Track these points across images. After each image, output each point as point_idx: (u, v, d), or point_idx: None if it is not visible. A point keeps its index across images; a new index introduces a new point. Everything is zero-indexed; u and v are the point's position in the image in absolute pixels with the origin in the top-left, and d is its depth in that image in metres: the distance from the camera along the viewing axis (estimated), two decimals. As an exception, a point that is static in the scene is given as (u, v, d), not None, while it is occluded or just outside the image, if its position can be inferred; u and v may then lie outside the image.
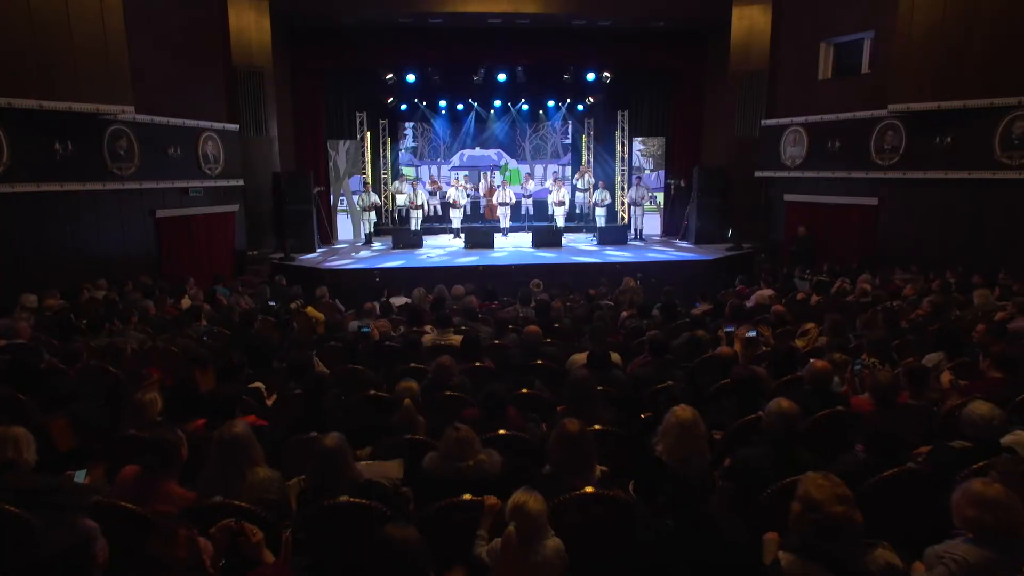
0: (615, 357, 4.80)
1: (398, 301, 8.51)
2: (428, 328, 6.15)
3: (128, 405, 3.44)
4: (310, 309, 7.96)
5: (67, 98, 8.40)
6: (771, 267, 12.76)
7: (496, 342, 5.45)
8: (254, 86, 12.32)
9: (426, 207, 15.18)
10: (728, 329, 5.27)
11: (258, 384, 4.26)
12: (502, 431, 3.15)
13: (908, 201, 10.62)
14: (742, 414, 3.45)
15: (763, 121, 12.92)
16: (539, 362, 4.65)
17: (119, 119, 9.57)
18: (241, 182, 12.30)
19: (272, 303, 6.37)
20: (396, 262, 11.95)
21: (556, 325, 6.25)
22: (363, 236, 14.65)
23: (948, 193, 10.02)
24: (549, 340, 5.44)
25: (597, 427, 3.14)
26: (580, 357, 4.84)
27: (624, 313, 7.23)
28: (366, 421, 3.48)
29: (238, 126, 12.15)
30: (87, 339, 5.59)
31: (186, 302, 8.27)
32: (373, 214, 14.74)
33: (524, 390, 3.95)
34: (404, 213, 16.56)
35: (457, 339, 5.52)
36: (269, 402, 4.28)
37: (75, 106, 8.49)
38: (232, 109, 12.18)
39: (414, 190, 14.80)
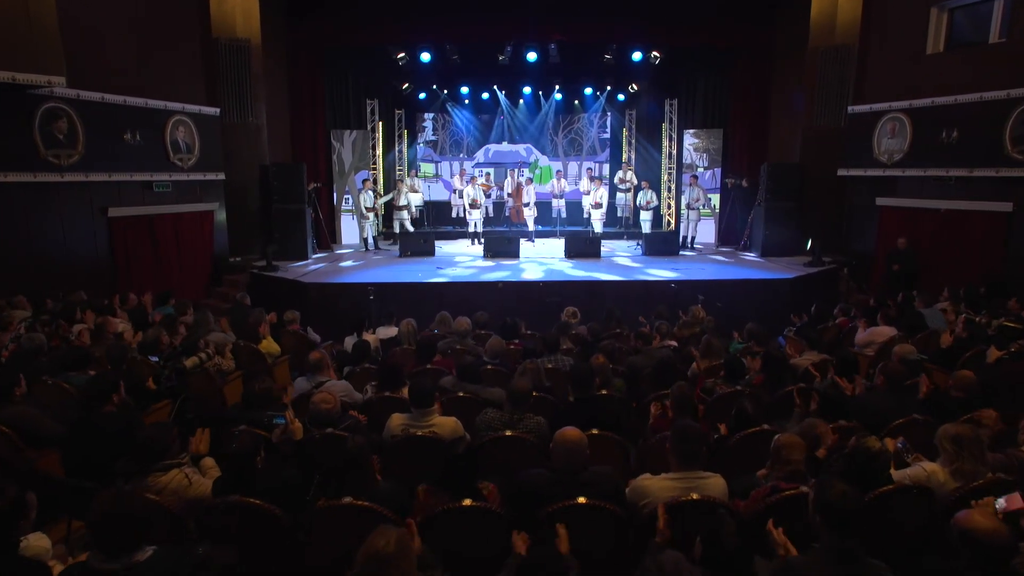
0: (716, 484, 2.64)
1: (387, 332, 6.44)
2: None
3: None
4: (265, 343, 5.94)
5: (-31, 63, 6.55)
6: (858, 285, 10.46)
7: (508, 433, 3.31)
8: (238, 63, 10.40)
9: (411, 209, 12.97)
10: (901, 445, 3.00)
11: (40, 544, 2.20)
12: None
13: (1057, 207, 8.17)
14: None
15: (850, 108, 10.54)
16: (581, 501, 2.50)
17: (56, 95, 7.72)
18: (222, 176, 10.40)
19: (155, 357, 4.24)
20: (398, 275, 9.87)
21: (604, 392, 4.08)
22: (370, 241, 12.59)
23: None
24: (595, 432, 3.28)
25: None
26: (654, 487, 2.67)
27: (697, 365, 5.02)
28: None
29: (218, 110, 10.25)
30: None
31: (120, 325, 6.34)
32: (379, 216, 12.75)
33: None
34: (418, 214, 14.64)
35: (443, 424, 3.40)
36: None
37: (-19, 74, 6.63)
38: (212, 90, 10.29)
39: (398, 190, 12.56)
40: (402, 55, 12.19)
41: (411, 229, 12.55)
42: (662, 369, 4.27)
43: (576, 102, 15.12)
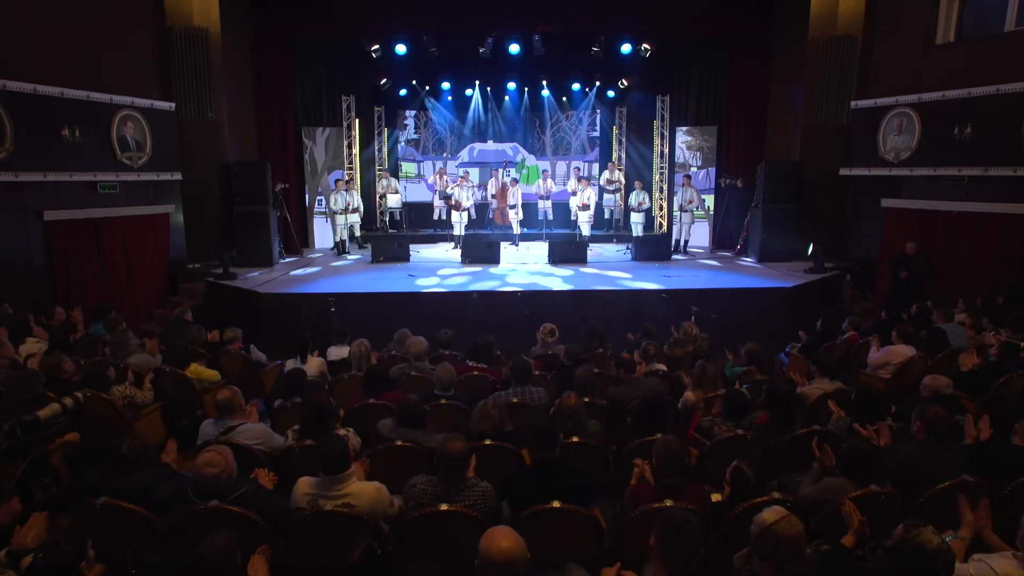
0: None
1: (338, 353, 5.69)
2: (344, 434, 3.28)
3: None
4: (194, 367, 5.17)
5: None
6: (862, 292, 9.79)
7: (444, 508, 2.56)
8: (195, 54, 9.62)
9: (350, 213, 11.98)
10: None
11: None
12: None
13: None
14: None
15: (853, 103, 9.84)
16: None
17: (-24, 86, 6.93)
18: (178, 175, 9.60)
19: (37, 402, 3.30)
20: (365, 284, 9.09)
21: (574, 439, 3.35)
22: (344, 246, 11.81)
23: None
24: (558, 506, 2.54)
25: None
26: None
27: (690, 395, 4.29)
28: None
29: (173, 104, 9.45)
30: None
31: (29, 347, 5.58)
32: (356, 217, 11.99)
33: None
34: (398, 216, 13.87)
35: (361, 493, 2.65)
36: None
37: None
38: (166, 83, 9.51)
39: (335, 189, 11.66)
40: (376, 47, 11.43)
41: (346, 237, 11.73)
42: (648, 409, 3.53)
43: (564, 99, 14.38)
